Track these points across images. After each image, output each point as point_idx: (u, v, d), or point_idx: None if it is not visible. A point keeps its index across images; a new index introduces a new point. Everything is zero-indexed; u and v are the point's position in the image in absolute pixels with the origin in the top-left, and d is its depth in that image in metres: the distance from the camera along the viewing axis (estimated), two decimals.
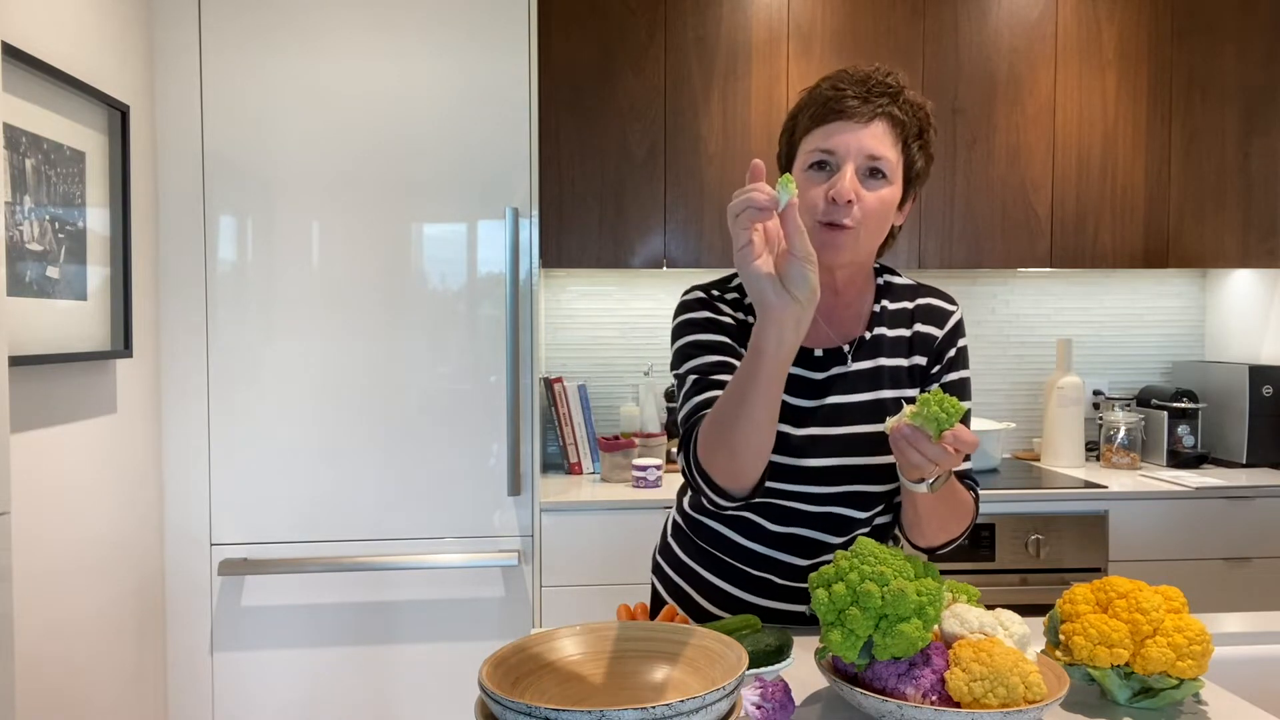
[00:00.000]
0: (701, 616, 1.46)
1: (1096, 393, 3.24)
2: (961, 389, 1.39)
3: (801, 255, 1.05)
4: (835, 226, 1.27)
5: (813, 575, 1.08)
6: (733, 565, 1.43)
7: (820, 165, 1.29)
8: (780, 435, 1.32)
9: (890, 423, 1.15)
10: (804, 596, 1.41)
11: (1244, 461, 2.94)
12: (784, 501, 1.37)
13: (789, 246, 1.05)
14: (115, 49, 2.08)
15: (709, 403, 1.29)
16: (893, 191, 1.30)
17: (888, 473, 1.36)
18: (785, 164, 1.38)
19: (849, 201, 1.26)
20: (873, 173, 1.28)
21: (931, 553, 1.37)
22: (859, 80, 1.29)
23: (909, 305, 1.41)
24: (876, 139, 1.27)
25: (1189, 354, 3.32)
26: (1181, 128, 2.91)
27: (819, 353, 1.37)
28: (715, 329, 1.37)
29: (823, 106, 1.29)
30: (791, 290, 1.06)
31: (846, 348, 1.38)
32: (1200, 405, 3.01)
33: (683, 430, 1.32)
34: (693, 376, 1.34)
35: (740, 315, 1.39)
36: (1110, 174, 2.90)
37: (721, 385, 1.30)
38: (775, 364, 1.11)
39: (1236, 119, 2.90)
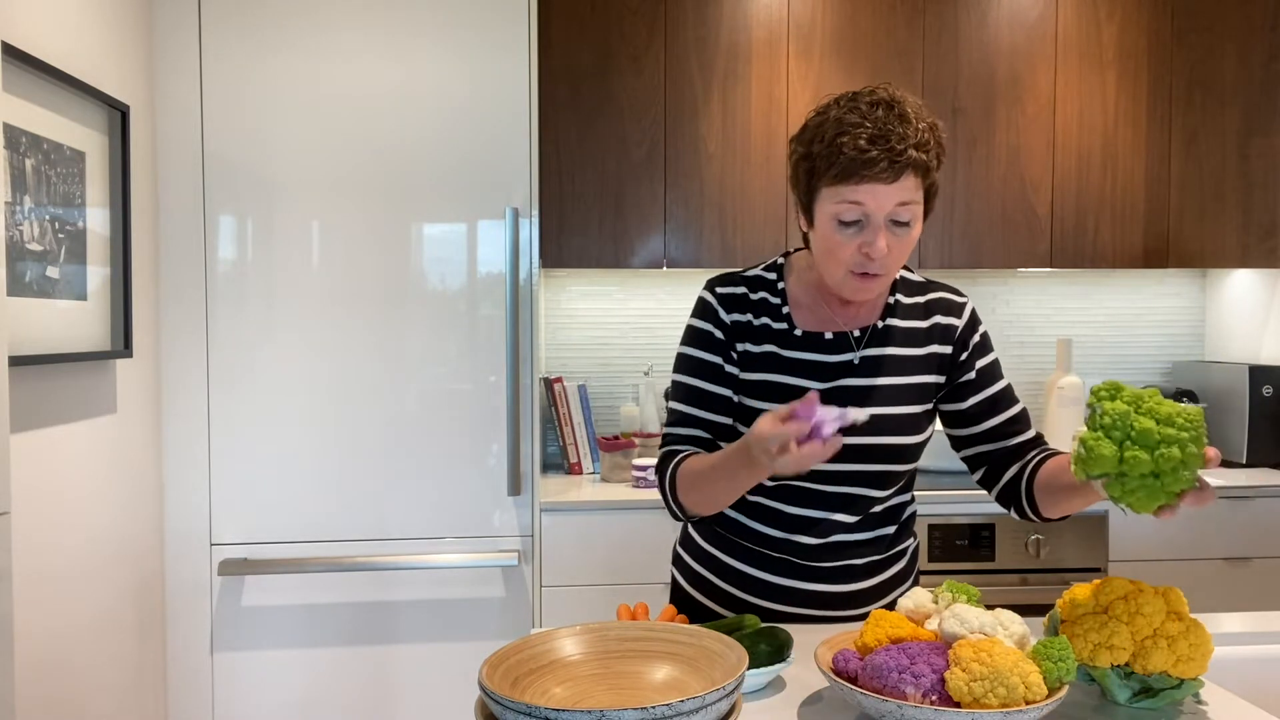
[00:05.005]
0: (725, 600, 1.52)
1: None
2: (994, 371, 1.49)
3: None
4: (868, 275, 1.34)
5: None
6: (752, 549, 1.49)
7: (851, 222, 1.32)
8: None
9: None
10: (822, 574, 1.47)
11: (1244, 461, 2.94)
12: (801, 483, 1.43)
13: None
14: (115, 49, 2.08)
15: (680, 439, 1.45)
16: (918, 227, 1.35)
17: (905, 452, 1.44)
18: (804, 197, 1.38)
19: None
20: (901, 219, 1.32)
21: (1049, 520, 1.42)
22: (880, 136, 1.28)
23: (921, 300, 1.50)
24: (905, 191, 1.30)
25: (1189, 354, 3.32)
26: (1181, 128, 2.91)
27: (829, 335, 1.44)
28: (708, 345, 1.46)
29: (849, 166, 1.28)
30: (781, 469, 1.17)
31: (857, 333, 1.44)
32: (1200, 405, 3.01)
33: (660, 450, 1.47)
34: (674, 404, 1.49)
35: (736, 315, 1.46)
36: (1110, 174, 2.90)
37: (693, 422, 1.45)
38: (757, 479, 1.29)
39: (1236, 119, 2.90)
